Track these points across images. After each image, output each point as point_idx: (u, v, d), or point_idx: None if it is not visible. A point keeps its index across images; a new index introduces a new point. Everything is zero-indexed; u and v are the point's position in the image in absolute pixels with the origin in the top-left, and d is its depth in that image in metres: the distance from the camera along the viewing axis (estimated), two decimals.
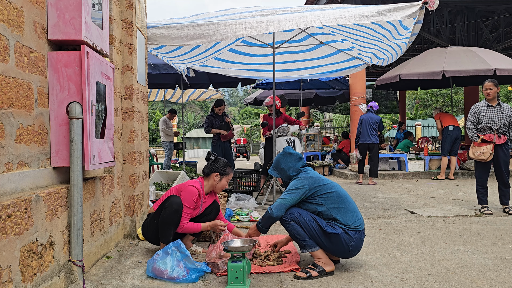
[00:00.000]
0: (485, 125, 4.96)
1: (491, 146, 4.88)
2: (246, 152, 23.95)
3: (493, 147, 4.88)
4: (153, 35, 4.29)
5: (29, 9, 2.13)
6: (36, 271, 2.00)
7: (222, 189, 3.34)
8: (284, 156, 3.04)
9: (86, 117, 2.36)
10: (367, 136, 8.32)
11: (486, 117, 4.95)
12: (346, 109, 18.48)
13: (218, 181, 3.26)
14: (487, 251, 3.33)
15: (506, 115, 4.90)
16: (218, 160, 3.31)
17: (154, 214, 3.17)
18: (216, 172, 3.25)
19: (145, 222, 3.27)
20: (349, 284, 2.63)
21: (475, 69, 8.74)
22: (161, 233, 3.07)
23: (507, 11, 11.60)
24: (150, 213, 3.26)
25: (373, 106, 8.51)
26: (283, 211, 2.84)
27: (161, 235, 3.07)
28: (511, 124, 4.94)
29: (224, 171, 3.26)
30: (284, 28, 3.90)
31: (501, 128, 4.91)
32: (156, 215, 3.14)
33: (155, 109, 40.05)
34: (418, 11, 3.89)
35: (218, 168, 3.26)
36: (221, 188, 3.30)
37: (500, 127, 4.90)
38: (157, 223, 3.11)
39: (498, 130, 4.91)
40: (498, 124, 4.89)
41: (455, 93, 24.60)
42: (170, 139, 10.26)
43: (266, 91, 12.55)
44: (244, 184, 6.06)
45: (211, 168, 3.28)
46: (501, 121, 4.89)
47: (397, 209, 5.37)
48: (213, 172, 3.25)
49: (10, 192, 1.93)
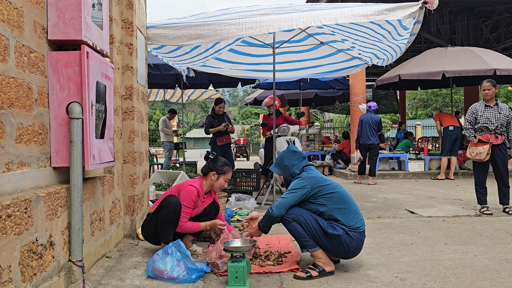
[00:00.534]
0: (482, 125, 4.97)
1: (488, 146, 4.88)
2: (246, 152, 23.95)
3: (489, 147, 4.88)
4: (153, 35, 4.29)
5: (29, 9, 2.13)
6: (36, 271, 2.00)
7: (221, 188, 3.32)
8: (288, 154, 3.04)
9: (86, 117, 2.36)
10: (368, 136, 8.35)
11: (483, 117, 4.96)
12: (346, 109, 18.49)
13: (216, 180, 3.25)
14: (487, 251, 3.33)
15: (504, 115, 4.90)
16: (217, 159, 3.30)
17: (153, 214, 3.17)
18: (213, 171, 3.25)
19: (144, 222, 3.28)
20: (349, 284, 2.63)
21: (475, 69, 8.74)
22: (161, 233, 3.07)
23: (507, 11, 11.60)
24: (150, 213, 3.26)
25: (372, 106, 8.53)
26: (284, 210, 2.83)
27: (161, 234, 3.07)
28: (509, 124, 4.93)
29: (221, 170, 3.25)
30: (284, 28, 3.90)
31: (498, 128, 4.91)
32: (155, 215, 3.14)
33: (155, 109, 40.05)
34: (418, 11, 3.90)
35: (216, 167, 3.25)
36: (219, 187, 3.29)
37: (497, 127, 4.90)
38: (156, 223, 3.11)
39: (495, 130, 4.91)
40: (495, 124, 4.89)
41: (455, 93, 24.60)
42: (170, 139, 10.26)
43: (266, 91, 12.55)
44: (244, 184, 6.06)
45: (208, 167, 3.28)
46: (499, 121, 4.89)
47: (397, 209, 5.37)
48: (210, 171, 3.26)
49: (10, 192, 1.93)
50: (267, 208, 5.38)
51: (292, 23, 3.89)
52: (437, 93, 27.75)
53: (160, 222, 3.05)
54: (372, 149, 8.44)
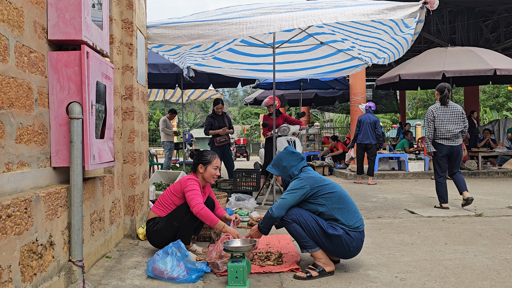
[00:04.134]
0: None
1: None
2: (246, 152, 23.93)
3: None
4: (153, 34, 4.29)
5: (29, 9, 2.13)
6: (36, 271, 2.00)
7: (213, 177, 3.33)
8: (286, 155, 3.03)
9: (86, 117, 2.36)
10: (367, 136, 8.37)
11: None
12: (346, 109, 18.49)
13: (204, 171, 3.31)
14: (487, 251, 3.33)
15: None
16: (200, 153, 3.37)
17: (167, 220, 3.16)
18: (199, 164, 3.31)
19: (153, 228, 3.20)
20: (349, 284, 2.63)
21: (475, 69, 8.75)
22: (181, 236, 3.12)
23: (507, 11, 11.60)
24: (154, 218, 3.21)
25: (372, 107, 8.58)
26: (283, 211, 2.83)
27: (182, 238, 3.12)
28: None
29: (206, 160, 3.30)
30: (285, 28, 3.90)
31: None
32: (171, 220, 3.14)
33: (155, 109, 40.04)
34: (419, 11, 3.90)
35: (200, 160, 3.31)
36: (211, 177, 3.31)
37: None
38: (178, 226, 3.12)
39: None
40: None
41: (455, 93, 24.59)
42: (170, 139, 10.25)
43: (266, 91, 12.55)
44: (244, 184, 6.06)
45: (194, 163, 3.36)
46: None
47: (397, 209, 5.37)
48: (197, 165, 3.32)
49: (10, 192, 1.93)
50: (267, 208, 5.40)
51: (293, 22, 3.89)
52: None
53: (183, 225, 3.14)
54: (369, 149, 8.47)
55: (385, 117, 29.84)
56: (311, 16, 3.89)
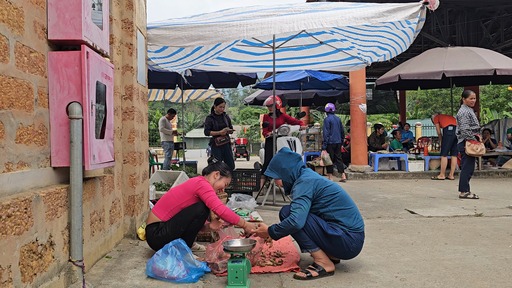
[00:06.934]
0: (477, 126, 5.98)
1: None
2: (246, 152, 23.94)
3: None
4: (154, 35, 4.28)
5: (29, 9, 2.13)
6: (36, 271, 2.00)
7: (219, 189, 3.39)
8: (284, 157, 3.02)
9: (86, 117, 2.36)
10: (337, 136, 8.98)
11: (476, 120, 6.00)
12: (346, 109, 18.48)
13: (218, 180, 3.36)
14: (487, 251, 3.33)
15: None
16: (220, 163, 3.46)
17: (172, 225, 3.08)
18: (217, 171, 3.37)
19: (157, 235, 3.10)
20: (349, 284, 2.63)
21: (475, 69, 8.74)
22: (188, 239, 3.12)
23: (507, 11, 11.60)
24: (158, 223, 3.13)
25: (332, 108, 9.21)
26: (305, 219, 2.77)
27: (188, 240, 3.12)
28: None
29: (224, 173, 3.40)
30: (285, 30, 3.90)
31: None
32: (176, 223, 3.09)
33: (155, 109, 40.03)
34: (419, 11, 3.90)
35: (219, 168, 3.40)
36: (218, 188, 3.37)
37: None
38: (184, 232, 3.08)
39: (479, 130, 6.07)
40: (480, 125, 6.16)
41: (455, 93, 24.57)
42: (170, 139, 10.25)
43: (266, 91, 12.54)
44: (244, 184, 6.06)
45: (212, 167, 3.41)
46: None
47: (397, 209, 5.37)
48: (214, 171, 3.38)
49: (10, 192, 1.93)
50: (267, 208, 5.41)
51: (293, 25, 3.89)
52: (437, 93, 27.73)
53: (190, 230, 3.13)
54: (337, 148, 9.05)
55: (385, 117, 29.84)
56: (312, 19, 3.89)
